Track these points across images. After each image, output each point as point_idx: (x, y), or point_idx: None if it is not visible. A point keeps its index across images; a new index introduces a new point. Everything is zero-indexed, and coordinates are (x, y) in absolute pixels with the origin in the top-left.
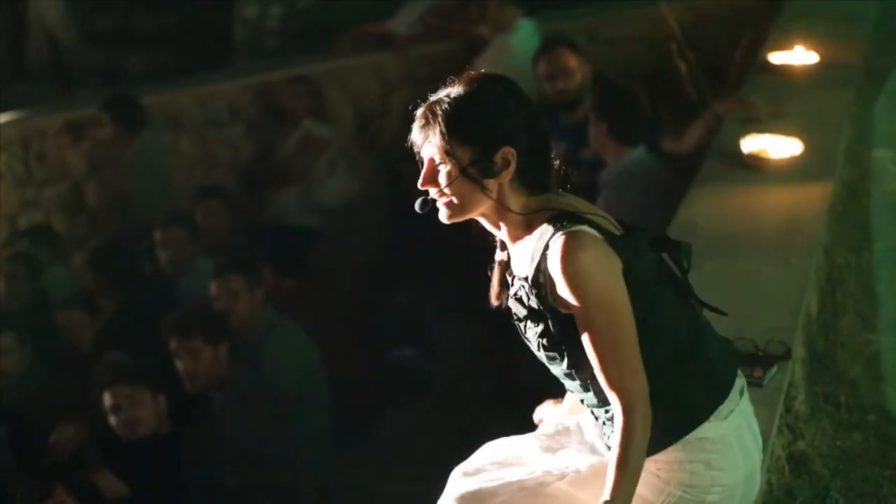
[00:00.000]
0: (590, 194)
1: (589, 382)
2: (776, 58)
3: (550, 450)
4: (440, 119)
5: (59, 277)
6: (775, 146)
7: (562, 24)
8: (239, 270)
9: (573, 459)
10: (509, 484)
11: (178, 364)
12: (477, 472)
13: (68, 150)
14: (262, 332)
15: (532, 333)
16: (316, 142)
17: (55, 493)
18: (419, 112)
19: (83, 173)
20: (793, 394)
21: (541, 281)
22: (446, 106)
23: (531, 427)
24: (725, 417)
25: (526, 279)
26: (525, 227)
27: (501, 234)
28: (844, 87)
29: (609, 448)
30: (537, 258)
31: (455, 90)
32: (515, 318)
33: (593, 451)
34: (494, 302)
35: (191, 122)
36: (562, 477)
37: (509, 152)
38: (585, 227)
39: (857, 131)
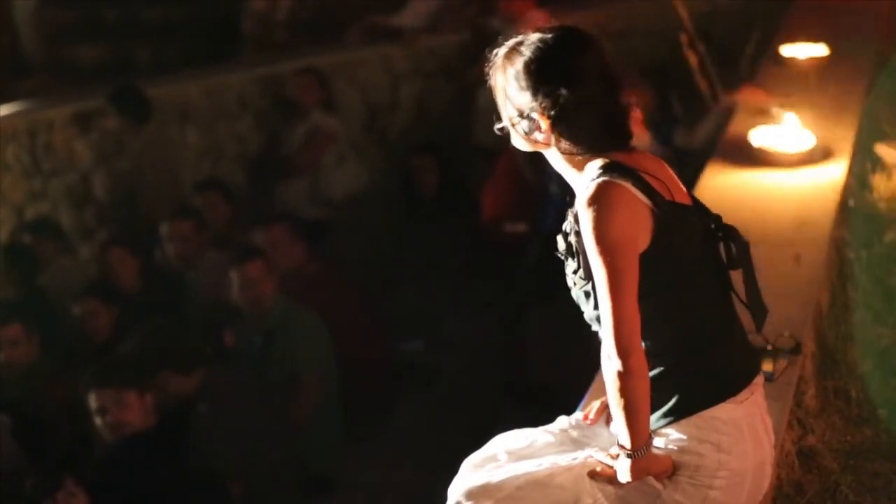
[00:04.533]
0: None
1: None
2: (788, 50)
3: (561, 442)
4: (512, 62)
5: (66, 269)
6: (786, 139)
7: (572, 17)
8: (259, 257)
9: (583, 451)
10: (518, 476)
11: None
12: (486, 464)
13: (76, 142)
14: (275, 318)
15: (569, 269)
16: (324, 134)
17: (65, 486)
18: (504, 48)
19: (91, 165)
20: (803, 388)
21: (579, 220)
22: (521, 51)
23: (541, 421)
24: (740, 403)
25: (574, 216)
26: (578, 168)
27: (562, 171)
28: (856, 80)
29: None
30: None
31: (534, 38)
32: (559, 253)
33: (605, 442)
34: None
35: (199, 114)
36: (570, 468)
37: (544, 116)
38: (623, 182)
39: (868, 124)
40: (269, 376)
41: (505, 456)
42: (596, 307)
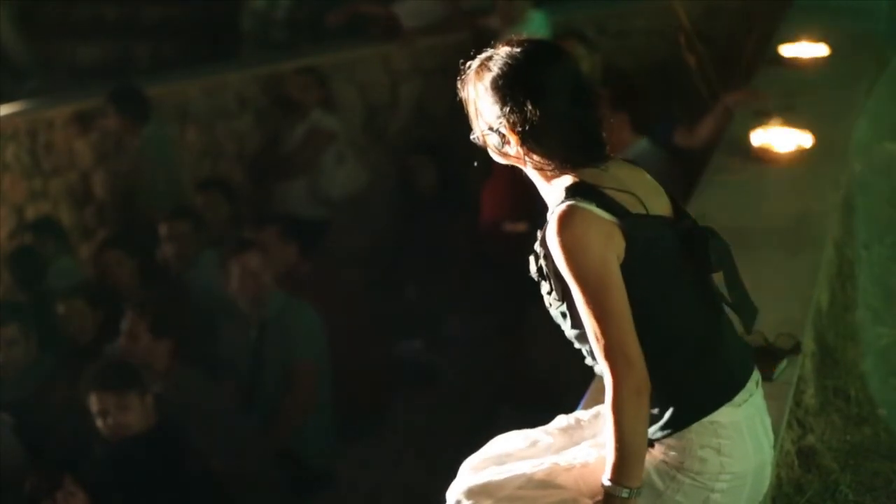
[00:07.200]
0: None
1: (591, 349)
2: (787, 50)
3: (560, 442)
4: (481, 77)
5: (67, 269)
6: (786, 139)
7: (571, 16)
8: (252, 249)
9: (582, 451)
10: (518, 476)
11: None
12: (486, 465)
13: (76, 141)
14: (271, 310)
15: (543, 290)
16: (323, 133)
17: (64, 485)
18: (476, 62)
19: (91, 164)
20: (802, 388)
21: (546, 243)
22: (490, 65)
23: (540, 421)
24: (739, 405)
25: (541, 239)
26: (547, 188)
27: (538, 186)
28: (856, 80)
29: None
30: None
31: (503, 52)
32: (531, 275)
33: (603, 443)
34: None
35: (198, 113)
36: (570, 468)
37: (512, 131)
38: (587, 205)
39: (868, 124)
40: (266, 369)
41: (504, 456)
42: (574, 326)
